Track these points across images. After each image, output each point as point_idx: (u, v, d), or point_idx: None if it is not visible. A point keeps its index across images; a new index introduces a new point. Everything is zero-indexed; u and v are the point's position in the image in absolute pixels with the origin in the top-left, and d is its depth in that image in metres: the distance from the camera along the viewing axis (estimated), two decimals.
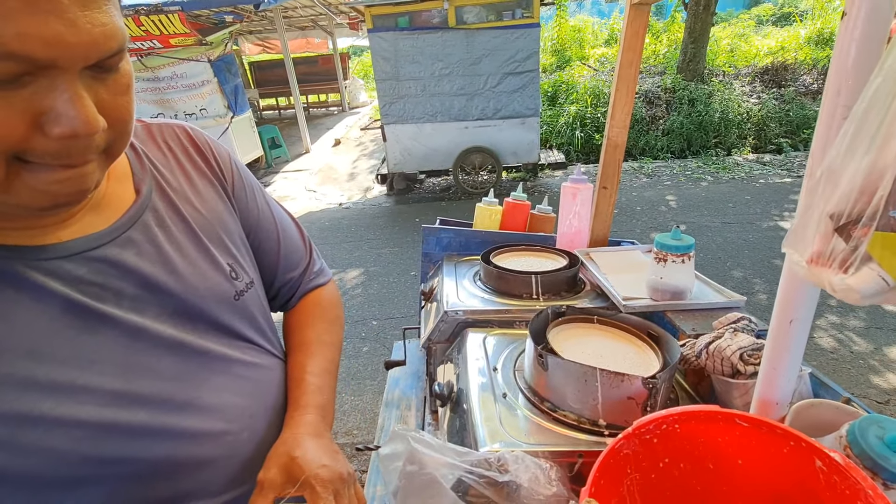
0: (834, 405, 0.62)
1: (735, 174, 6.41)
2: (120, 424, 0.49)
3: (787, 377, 0.58)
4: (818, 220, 0.43)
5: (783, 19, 13.45)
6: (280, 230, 0.75)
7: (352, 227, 5.49)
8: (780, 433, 0.52)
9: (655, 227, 4.82)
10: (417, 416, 1.03)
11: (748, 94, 8.34)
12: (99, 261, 0.50)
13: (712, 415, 0.56)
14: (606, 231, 1.33)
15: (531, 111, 5.70)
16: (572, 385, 0.69)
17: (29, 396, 0.44)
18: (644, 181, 6.43)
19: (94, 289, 0.49)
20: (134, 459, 0.50)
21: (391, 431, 0.68)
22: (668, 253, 0.92)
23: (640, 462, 0.57)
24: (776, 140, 7.53)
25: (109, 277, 0.51)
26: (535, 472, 0.62)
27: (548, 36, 11.24)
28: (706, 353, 0.74)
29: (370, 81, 14.00)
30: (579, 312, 0.88)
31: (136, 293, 0.52)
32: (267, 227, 0.73)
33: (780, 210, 4.98)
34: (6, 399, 0.43)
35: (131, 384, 0.50)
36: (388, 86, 5.62)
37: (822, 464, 0.48)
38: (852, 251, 0.40)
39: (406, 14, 5.38)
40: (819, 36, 9.49)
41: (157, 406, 0.52)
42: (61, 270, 0.47)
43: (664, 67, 9.23)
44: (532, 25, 5.35)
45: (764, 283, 3.57)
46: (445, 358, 1.00)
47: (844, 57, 0.43)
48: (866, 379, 2.55)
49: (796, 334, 0.54)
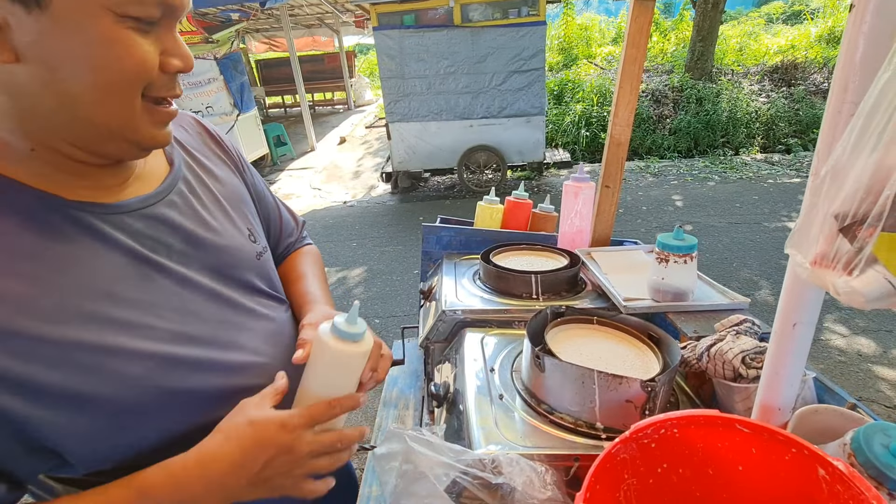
0: (839, 411, 0.60)
1: (743, 174, 6.35)
2: (181, 358, 0.55)
3: (790, 382, 0.56)
4: (822, 220, 0.42)
5: (793, 17, 13.30)
6: (278, 205, 0.89)
7: (356, 225, 5.50)
8: (781, 440, 0.51)
9: (661, 226, 4.78)
10: (415, 415, 1.02)
11: (757, 93, 8.25)
12: (152, 218, 0.57)
13: (712, 420, 0.55)
14: (609, 230, 1.32)
15: (537, 110, 5.67)
16: (569, 387, 0.68)
17: (109, 330, 0.50)
18: (650, 180, 6.38)
19: (149, 242, 0.56)
20: (195, 390, 0.56)
21: (387, 431, 0.67)
22: (671, 253, 0.90)
23: (637, 467, 0.56)
24: (785, 140, 7.44)
25: (161, 232, 0.58)
26: (530, 475, 0.60)
27: (554, 34, 11.19)
28: (707, 355, 0.73)
29: (376, 80, 13.97)
30: (579, 313, 0.87)
31: (182, 248, 0.59)
32: (269, 203, 0.85)
33: (788, 210, 4.92)
34: (92, 332, 0.49)
35: (185, 326, 0.56)
36: (393, 84, 5.61)
37: (825, 472, 0.47)
38: (857, 252, 0.38)
39: (412, 12, 5.37)
40: (830, 34, 9.38)
41: (207, 345, 0.58)
42: (124, 224, 0.54)
43: (672, 66, 9.15)
44: (538, 23, 5.31)
45: (770, 284, 3.53)
46: (443, 357, 0.99)
47: (852, 52, 0.42)
48: (874, 383, 2.51)
49: (800, 338, 0.53)
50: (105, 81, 0.45)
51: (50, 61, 0.43)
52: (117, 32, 0.44)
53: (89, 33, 0.43)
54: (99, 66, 0.45)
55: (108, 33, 0.44)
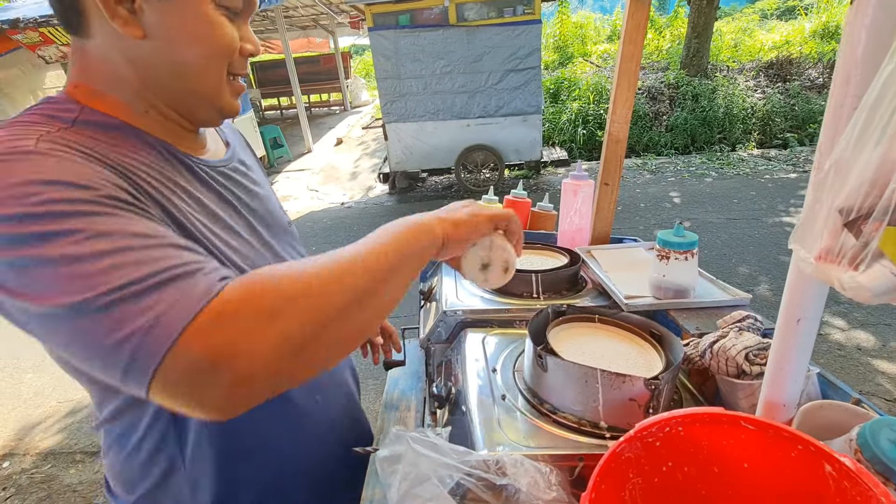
0: (843, 406, 0.60)
1: (740, 170, 6.36)
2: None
3: (794, 378, 0.56)
4: (827, 214, 0.41)
5: (788, 13, 13.34)
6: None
7: (354, 226, 5.49)
8: (787, 436, 0.50)
9: (659, 223, 4.78)
10: (417, 416, 1.01)
11: (752, 88, 8.27)
12: (225, 175, 0.68)
13: (717, 417, 0.54)
14: (608, 228, 1.31)
15: (533, 108, 5.67)
16: (572, 386, 0.68)
17: (217, 240, 0.60)
18: (648, 177, 6.39)
19: (227, 191, 0.67)
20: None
21: (390, 433, 0.66)
22: (671, 250, 0.90)
23: (642, 466, 0.55)
24: (781, 135, 7.46)
25: (233, 186, 0.68)
26: (535, 476, 0.60)
27: (550, 32, 11.19)
28: (710, 352, 0.72)
29: (372, 80, 13.98)
30: (580, 311, 0.87)
31: (247, 201, 0.70)
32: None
33: (786, 206, 4.93)
34: (208, 238, 0.59)
35: (256, 262, 0.65)
36: (389, 84, 5.61)
37: (832, 469, 0.46)
38: (863, 247, 0.38)
39: (407, 12, 5.36)
40: (825, 29, 9.41)
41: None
42: (211, 174, 0.65)
43: (667, 63, 9.17)
44: (533, 22, 5.32)
45: (769, 279, 3.54)
46: (444, 358, 0.98)
47: (854, 45, 0.41)
48: (875, 376, 2.51)
49: (804, 334, 0.53)
50: (207, 53, 0.57)
51: (169, 37, 0.54)
52: (216, 16, 0.56)
53: (198, 15, 0.55)
54: (204, 40, 0.56)
55: (211, 16, 0.55)
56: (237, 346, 0.39)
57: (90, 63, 0.56)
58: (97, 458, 2.47)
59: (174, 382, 0.38)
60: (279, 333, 0.41)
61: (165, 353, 0.37)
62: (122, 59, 0.55)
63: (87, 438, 2.63)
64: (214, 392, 0.39)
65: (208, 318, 0.39)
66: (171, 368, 0.38)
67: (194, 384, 0.39)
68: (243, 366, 0.39)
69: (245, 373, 0.39)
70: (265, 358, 0.40)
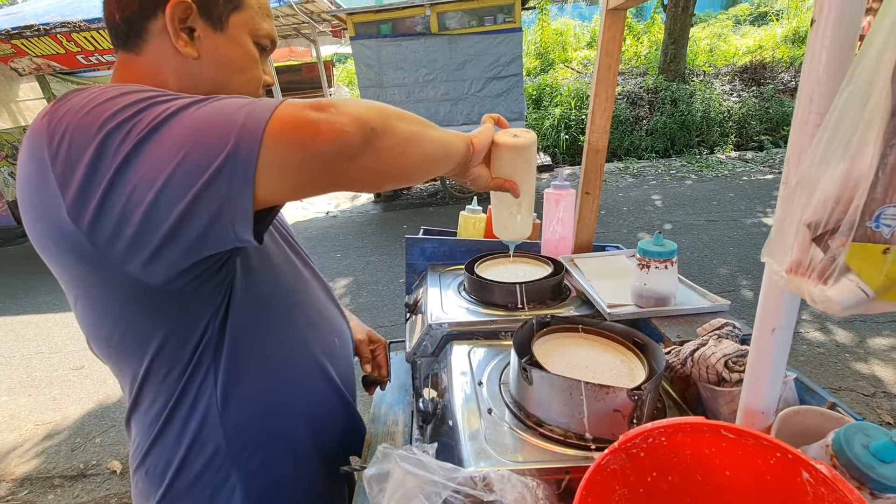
0: (819, 411, 0.62)
1: (718, 172, 6.51)
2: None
3: (771, 385, 0.57)
4: (796, 228, 0.42)
5: (760, 18, 13.72)
6: None
7: (340, 235, 5.46)
8: (766, 444, 0.51)
9: (642, 226, 4.86)
10: (405, 430, 1.01)
11: (728, 92, 8.48)
12: None
13: (698, 427, 0.55)
14: (591, 236, 1.33)
15: (516, 115, 5.72)
16: (557, 399, 0.68)
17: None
18: (630, 181, 6.49)
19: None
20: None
21: (377, 451, 0.66)
22: (652, 259, 0.92)
23: (627, 477, 0.56)
24: (757, 137, 7.66)
25: None
26: (522, 491, 0.60)
27: (531, 40, 11.34)
28: (691, 360, 0.74)
29: (355, 89, 13.94)
30: (564, 322, 0.87)
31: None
32: None
33: (763, 207, 5.05)
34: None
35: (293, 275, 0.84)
36: (372, 93, 5.62)
37: (809, 476, 0.47)
38: (831, 262, 0.39)
39: (388, 21, 5.39)
40: (795, 34, 9.71)
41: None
42: None
43: (646, 68, 9.36)
44: (514, 30, 5.38)
45: (749, 279, 3.61)
46: (431, 371, 0.98)
47: (816, 64, 0.43)
48: (853, 371, 2.58)
49: (779, 342, 0.54)
50: (247, 80, 0.70)
51: (218, 62, 0.66)
52: (254, 50, 0.70)
53: (242, 48, 0.68)
54: (246, 69, 0.69)
55: (251, 50, 0.69)
56: (331, 107, 0.52)
57: (137, 73, 0.65)
58: (76, 483, 2.40)
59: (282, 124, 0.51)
60: (366, 108, 0.55)
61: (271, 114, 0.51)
62: (170, 71, 0.65)
63: (66, 462, 2.54)
64: (319, 126, 0.51)
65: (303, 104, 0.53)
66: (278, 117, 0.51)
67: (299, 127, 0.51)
68: (336, 118, 0.52)
69: (337, 125, 0.51)
70: (354, 115, 0.53)
